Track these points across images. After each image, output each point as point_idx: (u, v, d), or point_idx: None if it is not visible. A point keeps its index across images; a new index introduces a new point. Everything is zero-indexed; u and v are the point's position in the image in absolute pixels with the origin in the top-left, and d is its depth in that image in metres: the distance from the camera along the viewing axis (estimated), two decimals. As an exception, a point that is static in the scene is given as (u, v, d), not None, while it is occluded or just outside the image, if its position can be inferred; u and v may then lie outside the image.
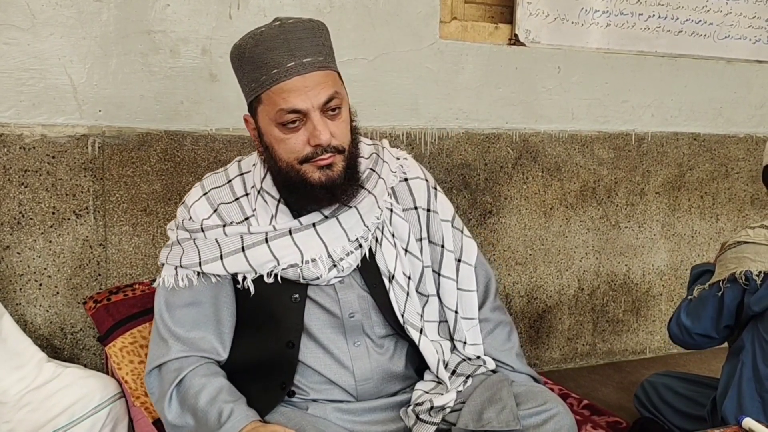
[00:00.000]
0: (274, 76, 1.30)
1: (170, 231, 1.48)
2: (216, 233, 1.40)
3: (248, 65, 1.34)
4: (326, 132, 1.31)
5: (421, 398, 1.42)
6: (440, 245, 1.53)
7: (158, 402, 1.39)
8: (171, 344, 1.40)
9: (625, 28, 2.72)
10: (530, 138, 2.65)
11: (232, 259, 1.39)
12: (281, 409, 1.41)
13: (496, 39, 2.58)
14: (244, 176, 1.47)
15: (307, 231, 1.40)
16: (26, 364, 1.76)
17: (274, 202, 1.41)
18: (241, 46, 1.35)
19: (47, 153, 1.98)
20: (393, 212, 1.49)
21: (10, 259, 1.98)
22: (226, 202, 1.44)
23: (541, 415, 1.32)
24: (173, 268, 1.43)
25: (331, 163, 1.34)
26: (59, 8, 1.95)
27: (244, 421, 1.28)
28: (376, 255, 1.46)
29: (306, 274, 1.39)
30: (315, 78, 1.32)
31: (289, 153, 1.33)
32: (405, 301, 1.46)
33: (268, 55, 1.31)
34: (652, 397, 2.15)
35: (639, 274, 2.96)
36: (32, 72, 1.94)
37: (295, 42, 1.31)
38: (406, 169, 1.56)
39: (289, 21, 1.34)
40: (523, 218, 2.69)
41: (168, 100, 2.10)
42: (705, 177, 3.02)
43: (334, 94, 1.33)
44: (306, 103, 1.30)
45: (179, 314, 1.41)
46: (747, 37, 2.95)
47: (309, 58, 1.32)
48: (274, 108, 1.31)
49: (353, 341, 1.43)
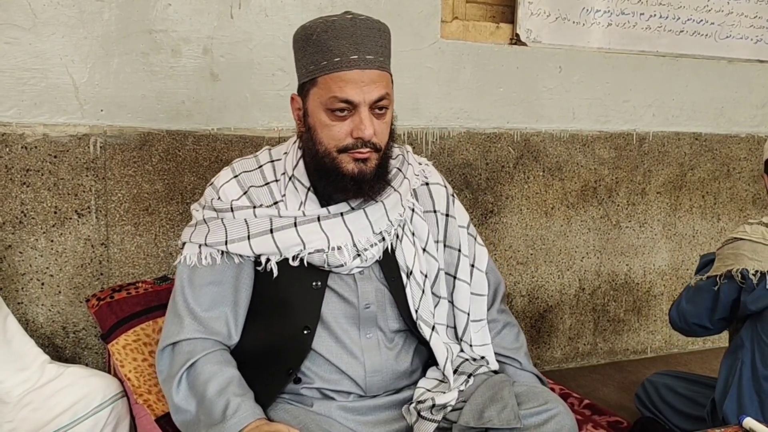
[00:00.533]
0: (336, 63, 1.35)
1: (195, 211, 1.50)
2: (245, 213, 1.43)
3: (312, 47, 1.37)
4: (371, 128, 1.36)
5: (423, 396, 1.43)
6: (457, 249, 1.58)
7: (166, 381, 1.40)
8: (186, 322, 1.41)
9: (626, 28, 2.72)
10: (531, 138, 2.65)
11: (259, 240, 1.41)
12: (286, 406, 1.42)
13: (498, 38, 2.58)
14: (274, 163, 1.51)
15: (335, 219, 1.44)
16: (30, 366, 1.76)
17: (304, 189, 1.45)
18: (310, 27, 1.39)
19: (49, 152, 1.98)
20: (414, 212, 1.55)
21: (12, 258, 1.98)
22: (256, 186, 1.47)
23: (542, 414, 1.33)
24: (197, 247, 1.45)
25: (366, 158, 1.38)
26: (61, 8, 1.95)
27: (250, 417, 1.29)
28: (396, 251, 1.50)
29: (331, 261, 1.42)
30: (372, 75, 1.36)
31: (330, 139, 1.38)
32: (420, 298, 1.50)
33: (334, 42, 1.35)
34: (653, 396, 2.15)
35: (640, 273, 2.96)
36: (34, 71, 1.95)
37: (362, 37, 1.36)
38: (427, 174, 1.62)
39: (360, 17, 1.39)
40: (525, 218, 2.69)
41: (169, 100, 2.10)
42: (706, 177, 3.02)
43: (385, 94, 1.38)
44: (359, 96, 1.35)
45: (199, 292, 1.43)
46: (748, 37, 2.95)
47: (371, 56, 1.37)
48: (328, 93, 1.35)
49: (366, 333, 1.46)
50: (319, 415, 1.41)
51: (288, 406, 1.42)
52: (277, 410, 1.41)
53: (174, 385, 1.37)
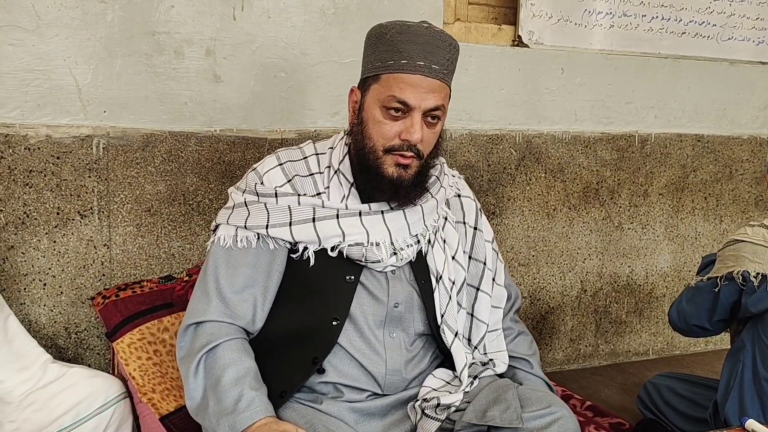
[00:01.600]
0: (403, 65, 1.39)
1: (234, 194, 1.51)
2: (289, 200, 1.45)
3: (383, 45, 1.42)
4: (419, 133, 1.40)
5: (429, 395, 1.45)
6: (483, 262, 1.63)
7: (184, 359, 1.41)
8: (214, 303, 1.42)
9: (628, 30, 2.72)
10: (533, 139, 2.65)
11: (300, 228, 1.44)
12: (294, 405, 1.43)
13: (500, 40, 2.58)
14: (318, 156, 1.54)
15: (375, 216, 1.47)
16: (31, 366, 1.76)
17: (347, 184, 1.48)
18: (386, 27, 1.44)
19: (52, 153, 1.99)
20: (447, 221, 1.59)
21: (15, 259, 1.98)
22: (301, 175, 1.50)
23: (546, 418, 1.34)
24: (233, 229, 1.47)
25: (408, 165, 1.42)
26: (64, 9, 1.96)
27: (261, 413, 1.29)
28: (427, 255, 1.54)
29: (369, 255, 1.44)
30: (434, 84, 1.41)
31: (379, 136, 1.41)
32: (447, 304, 1.53)
33: (406, 45, 1.39)
34: (655, 398, 2.15)
35: (642, 275, 2.96)
36: (37, 73, 1.95)
37: (433, 46, 1.41)
38: (460, 186, 1.68)
39: (435, 28, 1.44)
40: (526, 219, 2.69)
41: (172, 101, 2.10)
42: (709, 178, 3.01)
43: (440, 105, 1.43)
44: (416, 101, 1.39)
45: (233, 273, 1.44)
46: (750, 39, 2.95)
47: (437, 66, 1.41)
48: (387, 91, 1.39)
49: (390, 332, 1.48)
50: (326, 415, 1.41)
51: (297, 405, 1.43)
52: (286, 409, 1.41)
53: (192, 366, 1.37)
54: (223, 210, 1.51)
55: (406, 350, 1.49)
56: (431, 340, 1.55)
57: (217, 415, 1.31)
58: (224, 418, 1.29)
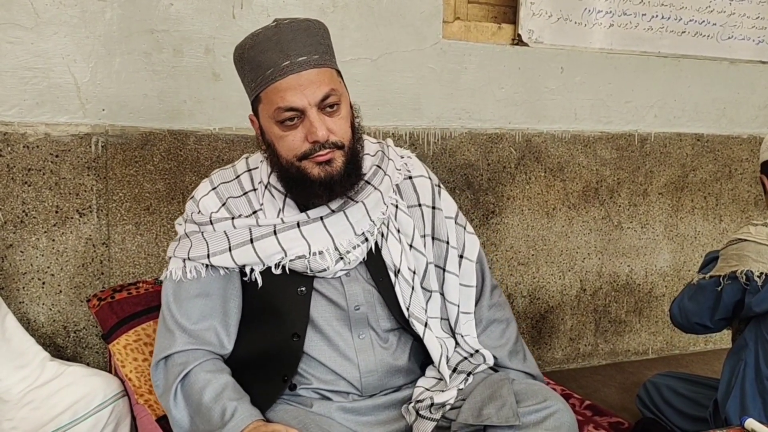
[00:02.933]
0: (270, 75, 1.34)
1: (178, 225, 1.50)
2: (225, 225, 1.42)
3: (247, 66, 1.39)
4: (323, 128, 1.34)
5: (422, 395, 1.43)
6: (445, 242, 1.56)
7: (163, 395, 1.40)
8: (177, 336, 1.40)
9: (628, 29, 2.72)
10: (533, 138, 2.65)
11: (240, 251, 1.41)
12: (285, 406, 1.42)
13: (499, 39, 2.58)
14: (251, 172, 1.50)
15: (315, 224, 1.42)
16: (29, 364, 1.76)
17: (281, 196, 1.44)
18: (241, 47, 1.40)
19: (51, 152, 1.98)
20: (398, 208, 1.52)
21: (14, 257, 1.98)
22: (234, 196, 1.47)
23: (541, 412, 1.33)
24: (181, 261, 1.45)
25: (330, 159, 1.37)
26: (63, 7, 1.95)
27: (247, 419, 1.28)
28: (381, 250, 1.48)
29: (313, 266, 1.41)
30: (310, 76, 1.35)
31: (288, 150, 1.37)
32: (410, 296, 1.48)
33: (263, 56, 1.35)
34: (654, 397, 2.15)
35: (641, 274, 2.96)
36: (36, 71, 1.95)
37: (288, 42, 1.35)
38: (410, 167, 1.59)
39: (284, 21, 1.38)
40: (526, 218, 2.69)
41: (171, 99, 2.10)
42: (708, 178, 3.01)
43: (330, 91, 1.36)
44: (302, 101, 1.34)
45: (186, 306, 1.42)
46: (750, 38, 2.95)
47: (303, 57, 1.35)
48: (272, 106, 1.35)
49: (358, 334, 1.45)
50: (318, 415, 1.40)
51: (287, 407, 1.42)
52: (277, 411, 1.40)
53: (171, 398, 1.36)
54: (171, 242, 1.50)
55: (381, 348, 1.46)
56: (405, 333, 1.50)
57: None
58: None
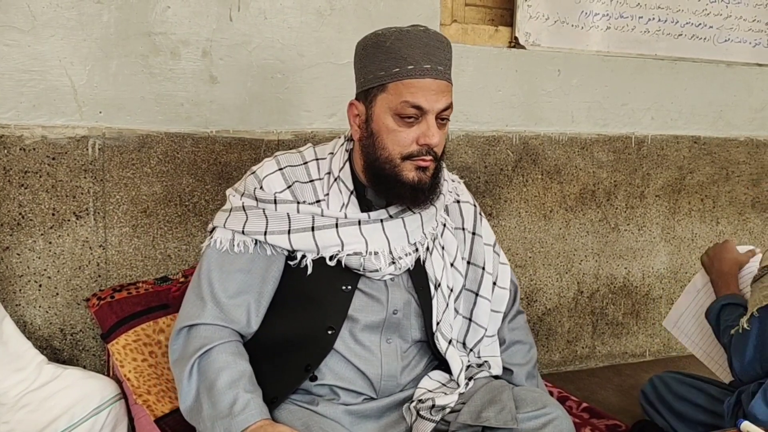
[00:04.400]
0: (410, 71, 1.38)
1: (232, 197, 1.50)
2: (288, 208, 1.44)
3: (384, 54, 1.39)
4: (437, 135, 1.40)
5: (424, 396, 1.45)
6: (482, 267, 1.62)
7: (177, 362, 1.40)
8: (208, 307, 1.41)
9: (625, 31, 2.73)
10: (530, 141, 2.65)
11: (299, 236, 1.43)
12: (290, 407, 1.42)
13: (497, 42, 2.58)
14: (318, 161, 1.52)
15: (375, 225, 1.46)
16: (26, 367, 1.76)
17: (347, 192, 1.47)
18: (383, 35, 1.41)
19: (47, 154, 1.98)
20: (446, 228, 1.58)
21: (10, 260, 1.98)
22: (301, 181, 1.48)
23: (540, 418, 1.34)
24: (230, 233, 1.45)
25: (427, 167, 1.42)
26: (60, 10, 1.95)
27: (257, 416, 1.29)
28: (425, 263, 1.53)
29: (367, 265, 1.44)
30: (442, 85, 1.41)
31: (396, 145, 1.40)
32: (444, 311, 1.52)
33: (408, 51, 1.38)
34: (662, 391, 2.12)
35: (639, 277, 2.96)
36: (33, 73, 1.95)
37: (434, 48, 1.40)
38: (459, 191, 1.66)
39: (430, 30, 1.43)
40: (523, 221, 2.69)
41: (168, 102, 2.10)
42: (705, 180, 3.02)
43: (450, 105, 1.43)
44: (429, 104, 1.38)
45: (227, 278, 1.43)
46: (747, 40, 2.95)
47: (442, 67, 1.41)
48: (399, 99, 1.38)
49: (387, 338, 1.48)
50: (322, 417, 1.41)
51: (292, 407, 1.42)
52: (282, 411, 1.41)
53: (186, 369, 1.36)
54: (220, 212, 1.50)
55: (401, 357, 1.49)
56: (426, 347, 1.55)
57: (212, 419, 1.30)
58: (219, 422, 1.29)
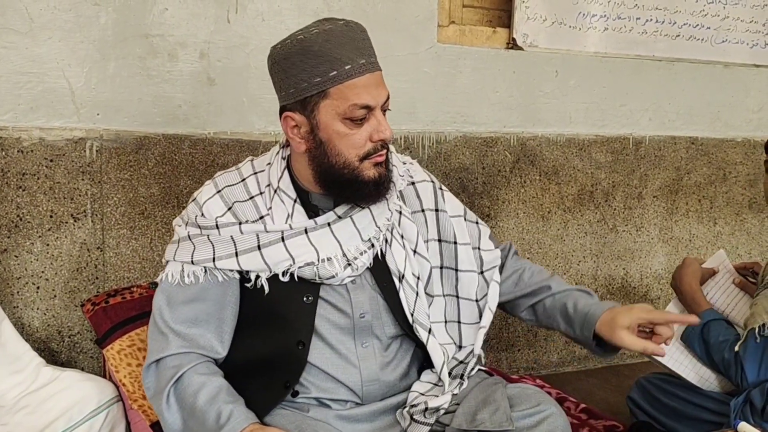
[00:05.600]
0: (349, 71, 1.33)
1: (178, 227, 1.47)
2: (231, 230, 1.40)
3: (314, 59, 1.33)
4: (389, 128, 1.37)
5: (417, 400, 1.43)
6: (453, 242, 1.57)
7: (155, 397, 1.39)
8: (171, 339, 1.39)
9: (622, 33, 2.73)
10: (528, 142, 2.65)
11: (247, 257, 1.39)
12: (281, 411, 1.42)
13: (494, 43, 2.58)
14: (257, 175, 1.48)
15: (323, 230, 1.42)
16: (24, 369, 1.76)
17: (290, 201, 1.43)
18: (307, 40, 1.34)
19: (45, 156, 1.98)
20: (402, 215, 1.53)
21: (8, 262, 1.98)
22: (240, 201, 1.44)
23: (535, 416, 1.33)
24: (180, 265, 1.43)
25: (383, 161, 1.40)
26: (57, 12, 1.95)
27: (243, 422, 1.28)
28: (386, 256, 1.49)
29: (322, 273, 1.40)
30: (378, 77, 1.37)
31: (351, 148, 1.36)
32: (414, 301, 1.49)
33: (339, 50, 1.32)
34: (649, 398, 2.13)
35: (637, 277, 2.96)
36: (30, 75, 1.95)
37: (360, 41, 1.36)
38: (412, 173, 1.60)
39: (348, 21, 1.37)
40: (521, 222, 2.69)
41: (166, 104, 2.10)
42: (703, 181, 3.02)
43: (388, 94, 1.39)
44: (375, 100, 1.35)
45: (181, 310, 1.40)
46: (744, 41, 2.96)
47: (373, 58, 1.38)
48: (345, 103, 1.33)
49: (361, 342, 1.45)
50: (315, 420, 1.40)
51: (284, 411, 1.42)
52: (273, 415, 1.40)
53: (163, 401, 1.35)
54: (169, 245, 1.47)
55: (382, 356, 1.46)
56: (407, 340, 1.51)
57: None
58: None
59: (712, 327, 1.86)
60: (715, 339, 1.83)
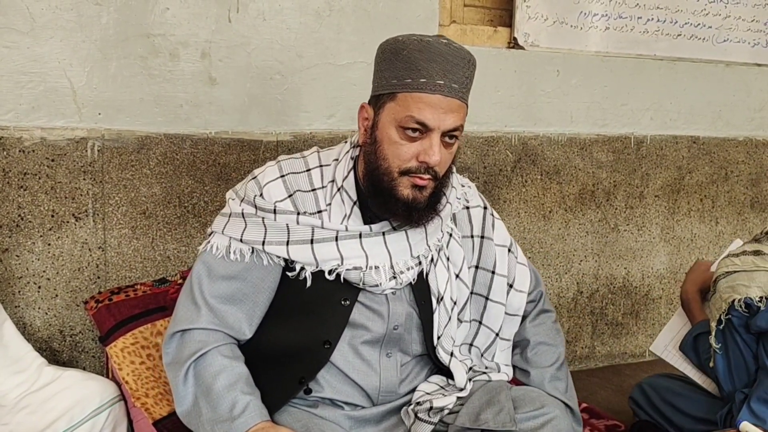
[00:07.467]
0: (422, 84, 1.33)
1: (232, 200, 1.46)
2: (288, 218, 1.40)
3: (400, 62, 1.34)
4: (438, 155, 1.34)
5: (422, 398, 1.44)
6: (491, 271, 1.58)
7: (171, 365, 1.38)
8: (203, 312, 1.39)
9: (624, 32, 2.73)
10: (529, 141, 2.65)
11: (298, 248, 1.39)
12: (290, 409, 1.42)
13: (496, 42, 2.58)
14: (323, 168, 1.47)
15: (376, 238, 1.42)
16: (26, 369, 1.76)
17: (350, 202, 1.42)
18: (404, 42, 1.36)
19: (46, 156, 1.98)
20: (452, 237, 1.53)
21: (9, 261, 1.98)
22: (303, 191, 1.44)
23: (539, 418, 1.33)
24: (227, 239, 1.42)
25: (424, 186, 1.37)
26: (59, 12, 1.95)
27: (257, 418, 1.29)
28: (429, 275, 1.49)
29: (367, 280, 1.40)
30: (453, 104, 1.35)
31: (395, 158, 1.35)
32: (445, 325, 1.49)
33: (425, 63, 1.33)
34: (653, 398, 2.13)
35: (638, 277, 2.96)
36: (32, 75, 1.95)
37: (452, 65, 1.34)
38: (468, 197, 1.61)
39: (454, 44, 1.37)
40: (522, 221, 2.69)
41: (167, 103, 2.10)
42: (704, 180, 3.02)
43: (459, 126, 1.37)
44: (435, 122, 1.33)
45: (219, 285, 1.40)
46: (746, 41, 2.96)
47: (456, 85, 1.35)
48: (405, 111, 1.33)
49: (386, 352, 1.46)
50: (323, 419, 1.41)
51: (292, 410, 1.42)
52: (282, 413, 1.41)
53: (182, 373, 1.35)
54: (219, 216, 1.47)
55: (400, 371, 1.47)
56: (427, 359, 1.52)
57: (212, 422, 1.30)
58: (219, 425, 1.29)
59: (701, 341, 1.90)
60: (704, 354, 1.88)
